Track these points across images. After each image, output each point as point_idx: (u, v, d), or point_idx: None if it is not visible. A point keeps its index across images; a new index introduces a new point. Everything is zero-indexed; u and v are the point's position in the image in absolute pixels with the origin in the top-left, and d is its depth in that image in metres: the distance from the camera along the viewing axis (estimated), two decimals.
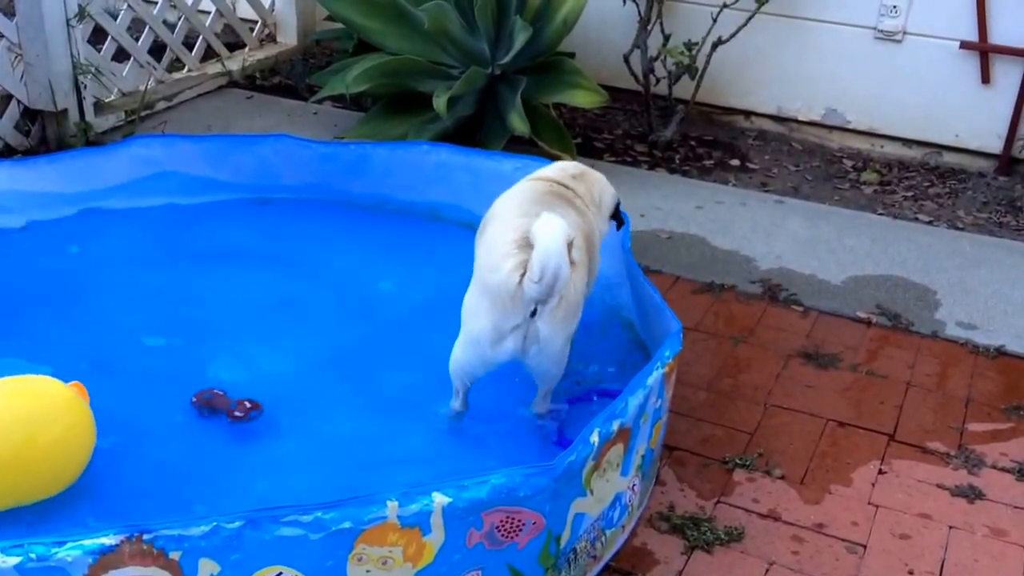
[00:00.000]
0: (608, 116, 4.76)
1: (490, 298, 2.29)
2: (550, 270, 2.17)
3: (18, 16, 3.86)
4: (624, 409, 2.14)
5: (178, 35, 4.67)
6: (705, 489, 2.49)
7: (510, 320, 2.27)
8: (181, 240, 3.31)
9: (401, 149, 3.65)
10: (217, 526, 1.70)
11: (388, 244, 3.39)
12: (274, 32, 5.25)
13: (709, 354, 3.02)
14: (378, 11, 4.17)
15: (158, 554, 1.67)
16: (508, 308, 2.26)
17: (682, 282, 3.40)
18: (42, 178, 3.36)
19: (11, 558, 1.64)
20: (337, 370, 2.72)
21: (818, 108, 4.58)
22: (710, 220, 3.82)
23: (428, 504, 1.83)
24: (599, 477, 2.10)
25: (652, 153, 4.42)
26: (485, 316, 2.29)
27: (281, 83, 4.94)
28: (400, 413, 2.55)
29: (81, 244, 3.24)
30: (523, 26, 3.89)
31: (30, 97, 3.96)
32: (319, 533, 1.75)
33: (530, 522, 1.96)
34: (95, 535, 1.66)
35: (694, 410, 2.77)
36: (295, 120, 4.47)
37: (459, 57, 4.11)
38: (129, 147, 3.54)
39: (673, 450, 2.61)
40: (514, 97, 3.95)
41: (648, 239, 3.61)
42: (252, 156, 3.56)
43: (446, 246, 3.38)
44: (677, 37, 4.29)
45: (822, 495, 2.49)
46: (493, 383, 2.50)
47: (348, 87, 3.96)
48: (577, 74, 4.07)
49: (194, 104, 4.60)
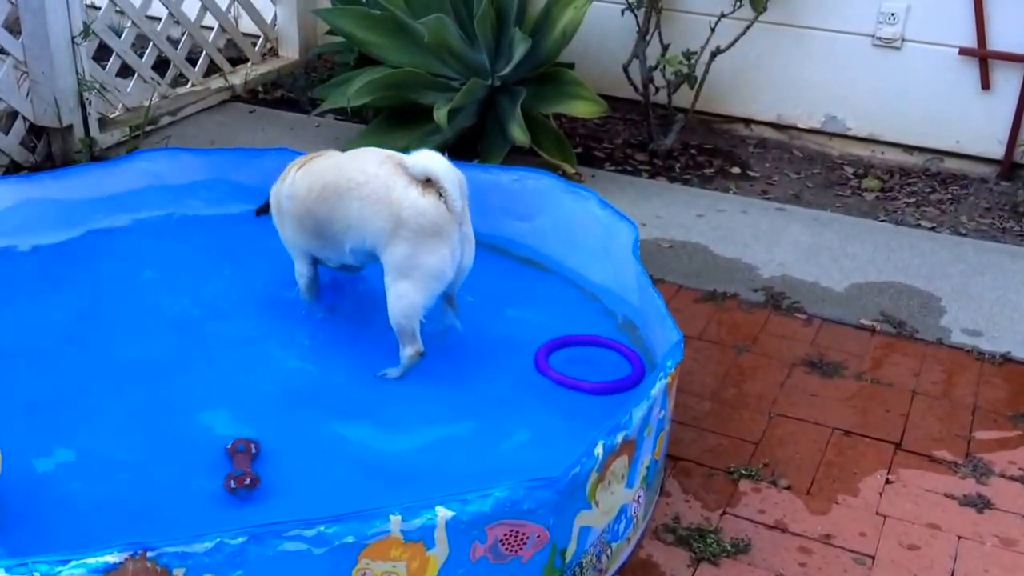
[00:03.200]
0: (608, 126, 4.76)
1: (434, 235, 2.58)
2: (462, 184, 2.61)
3: (24, 34, 3.88)
4: (628, 421, 2.14)
5: (181, 51, 4.69)
6: (711, 500, 2.48)
7: (455, 240, 2.62)
8: (185, 252, 3.32)
9: None
10: (221, 542, 1.70)
11: None
12: (276, 47, 5.28)
13: (712, 363, 3.02)
14: (378, 25, 4.19)
15: (162, 571, 1.67)
16: (452, 232, 2.60)
17: (684, 291, 3.40)
18: (48, 194, 3.37)
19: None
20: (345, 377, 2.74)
21: (818, 115, 4.59)
22: (711, 228, 3.82)
23: (432, 518, 1.83)
24: (604, 490, 2.10)
25: (652, 162, 4.42)
26: (441, 249, 2.60)
27: (283, 97, 4.96)
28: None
29: (87, 260, 3.25)
30: (522, 37, 3.90)
31: (35, 114, 3.98)
32: (322, 548, 1.75)
33: (534, 535, 1.95)
34: (99, 553, 1.65)
35: (698, 420, 2.77)
36: (297, 133, 4.48)
37: (459, 69, 4.13)
38: (134, 162, 3.56)
39: (678, 461, 2.60)
40: (514, 108, 3.96)
41: (650, 248, 3.61)
42: (255, 169, 3.57)
43: None
44: (676, 46, 4.30)
45: (829, 505, 2.48)
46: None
47: (350, 100, 3.98)
48: (577, 84, 4.08)
49: (197, 119, 4.62)
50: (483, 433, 2.55)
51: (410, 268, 2.61)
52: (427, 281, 2.63)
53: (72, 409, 2.55)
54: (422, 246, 2.59)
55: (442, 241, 2.60)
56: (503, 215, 3.45)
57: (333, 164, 2.78)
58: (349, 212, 2.67)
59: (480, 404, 2.66)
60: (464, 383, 2.74)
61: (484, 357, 2.85)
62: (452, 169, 2.60)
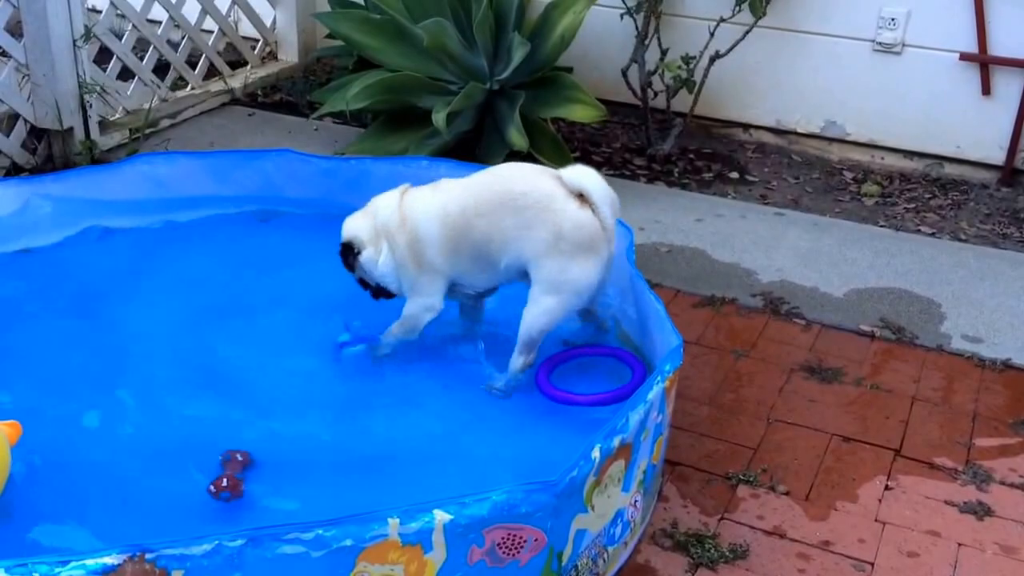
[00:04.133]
0: (606, 130, 4.77)
1: (587, 250, 2.55)
2: (614, 202, 2.60)
3: (26, 37, 3.89)
4: (625, 425, 2.13)
5: (181, 54, 4.70)
6: (709, 505, 2.48)
7: (605, 257, 2.61)
8: (183, 255, 3.32)
9: (401, 164, 3.65)
10: (219, 544, 1.70)
11: None
12: (275, 50, 5.28)
13: (710, 368, 3.02)
14: (378, 29, 4.19)
15: (160, 573, 1.67)
16: (603, 250, 2.59)
17: (682, 296, 3.40)
18: (49, 195, 3.37)
19: None
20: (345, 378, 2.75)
21: (817, 120, 4.59)
22: (710, 233, 3.82)
23: (429, 521, 1.83)
24: (600, 493, 2.09)
25: (651, 166, 4.42)
26: (591, 265, 2.57)
27: (282, 100, 4.96)
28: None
29: (87, 263, 3.25)
30: (521, 42, 3.90)
31: (36, 116, 3.99)
32: (320, 551, 1.75)
33: (532, 539, 1.95)
34: (98, 554, 1.66)
35: (696, 425, 2.76)
36: (296, 136, 4.48)
37: (458, 73, 4.13)
38: (134, 164, 3.56)
39: (676, 466, 2.60)
40: (513, 112, 3.96)
41: (647, 252, 3.61)
42: (255, 171, 3.58)
43: None
44: (675, 51, 4.30)
45: (828, 512, 2.48)
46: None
47: (348, 103, 3.98)
48: (575, 89, 4.09)
49: (197, 122, 4.62)
50: (478, 438, 2.54)
51: (561, 283, 2.58)
52: (572, 296, 2.61)
53: (68, 410, 2.55)
54: (575, 260, 2.56)
55: (595, 257, 2.58)
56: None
57: (487, 179, 2.70)
58: (511, 224, 2.59)
59: (477, 408, 2.66)
60: (459, 387, 2.72)
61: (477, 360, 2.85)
62: (606, 186, 2.59)
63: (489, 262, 2.67)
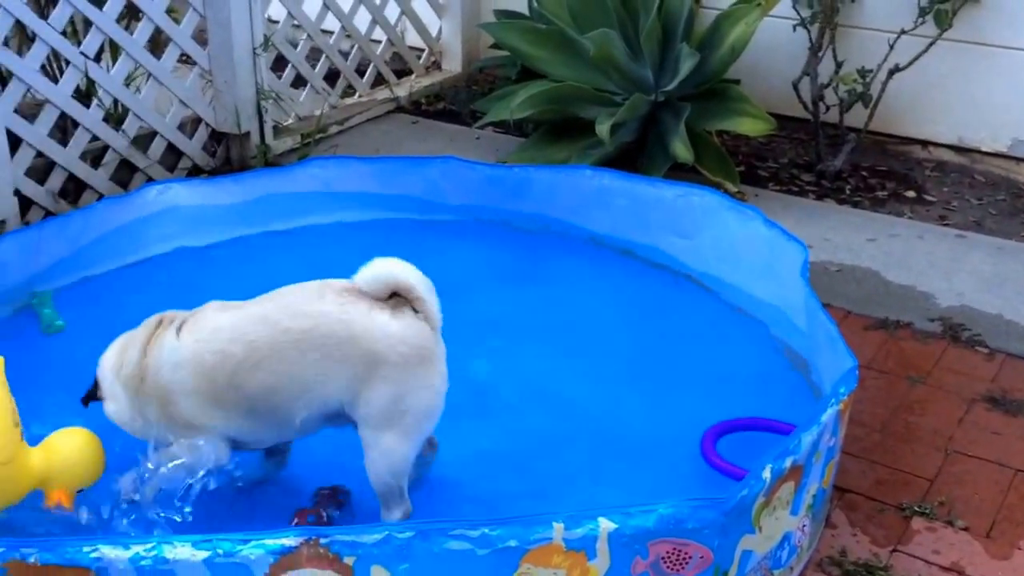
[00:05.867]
0: (773, 144, 4.63)
1: (419, 364, 2.05)
2: (433, 290, 2.09)
3: (210, 45, 4.10)
4: (797, 446, 2.07)
5: (351, 63, 4.85)
6: (879, 536, 2.35)
7: (444, 359, 2.12)
8: (350, 257, 3.41)
9: (564, 173, 3.67)
10: (389, 535, 1.74)
11: (548, 270, 3.41)
12: (439, 60, 5.39)
13: (882, 394, 2.88)
14: (544, 39, 4.22)
15: (333, 558, 1.72)
16: (439, 352, 2.10)
17: (852, 317, 3.25)
18: (228, 196, 3.55)
19: (200, 552, 1.71)
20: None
21: (1004, 139, 4.33)
22: (883, 254, 3.65)
23: (594, 528, 1.81)
24: (769, 514, 2.03)
25: (820, 183, 4.27)
26: (431, 379, 2.08)
27: (445, 109, 5.06)
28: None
29: (260, 261, 3.39)
30: (690, 52, 3.84)
31: (217, 120, 4.19)
32: (485, 549, 1.76)
33: (697, 555, 1.90)
34: (277, 535, 1.72)
35: (867, 452, 2.63)
36: (458, 144, 4.55)
37: (623, 84, 4.10)
38: (307, 168, 3.70)
39: (845, 492, 2.48)
40: (678, 124, 3.91)
41: (816, 271, 3.47)
42: (420, 177, 3.66)
43: (608, 274, 3.37)
44: (850, 64, 4.14)
45: (1011, 551, 2.31)
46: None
47: (513, 113, 4.01)
48: (744, 101, 3.99)
49: (363, 128, 4.76)
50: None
51: (399, 415, 2.06)
52: (419, 424, 2.10)
53: None
54: (409, 383, 2.06)
55: (432, 369, 2.08)
56: (663, 231, 3.42)
57: (254, 316, 2.11)
58: (301, 371, 2.06)
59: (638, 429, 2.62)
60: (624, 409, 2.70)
61: (639, 377, 2.82)
62: (419, 272, 2.09)
63: (274, 420, 2.13)
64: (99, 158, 3.83)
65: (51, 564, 1.74)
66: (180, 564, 1.73)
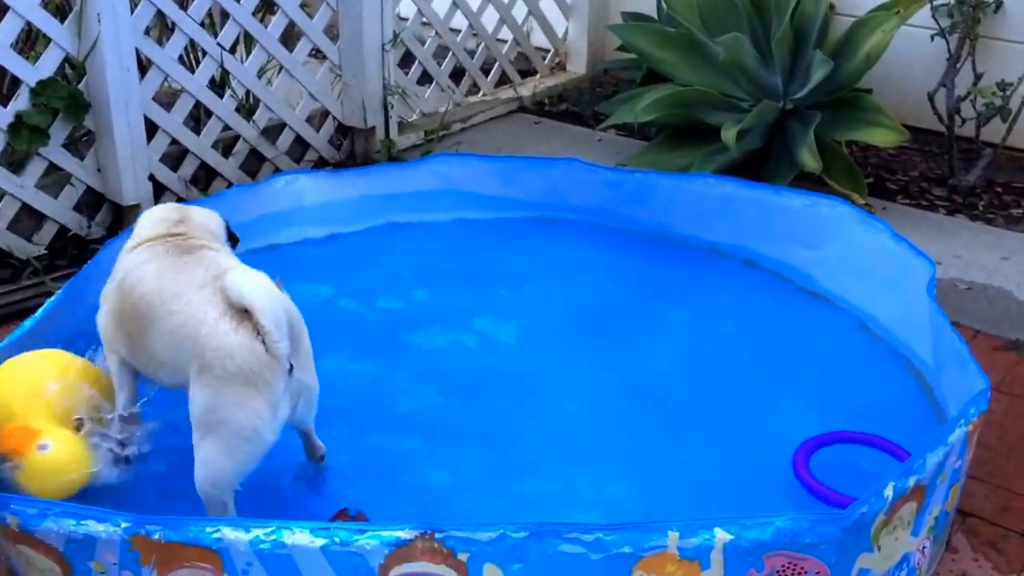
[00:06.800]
0: (903, 157, 4.49)
1: (244, 383, 2.03)
2: (283, 321, 2.03)
3: (340, 40, 4.21)
4: (922, 465, 2.01)
5: (477, 61, 4.91)
6: (1001, 563, 2.28)
7: (278, 391, 2.07)
8: (470, 254, 3.48)
9: (686, 180, 3.64)
10: (504, 534, 1.75)
11: (666, 278, 3.39)
12: (564, 61, 5.40)
13: (1012, 418, 2.76)
14: (672, 42, 4.18)
15: (447, 553, 1.74)
16: (272, 381, 2.05)
17: (982, 337, 3.14)
18: (353, 189, 3.64)
19: (318, 539, 1.77)
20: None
21: None
22: (1017, 273, 3.50)
23: (709, 539, 1.80)
24: (889, 534, 1.98)
25: (952, 198, 4.12)
26: (253, 402, 2.04)
27: (568, 110, 5.07)
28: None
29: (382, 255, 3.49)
30: (823, 60, 3.76)
31: (344, 114, 4.30)
32: (599, 554, 1.77)
33: (813, 571, 1.87)
34: (393, 527, 1.76)
35: (992, 476, 2.54)
36: (579, 146, 4.55)
37: (750, 90, 4.04)
38: (430, 164, 3.76)
39: (967, 516, 2.41)
40: (806, 133, 3.83)
41: (944, 288, 3.35)
42: (542, 177, 3.68)
43: (728, 285, 3.33)
44: (990, 76, 3.98)
45: None
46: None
47: (638, 115, 4.00)
48: (877, 111, 3.88)
49: (486, 127, 4.81)
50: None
51: (213, 424, 2.07)
52: (236, 443, 2.07)
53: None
54: (226, 397, 2.04)
55: (256, 392, 2.04)
56: (789, 241, 3.35)
57: (159, 277, 2.21)
58: (157, 345, 2.18)
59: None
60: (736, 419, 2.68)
61: (756, 392, 2.79)
62: (277, 298, 2.05)
63: (152, 368, 2.25)
64: (230, 147, 3.96)
65: (174, 542, 1.82)
66: (298, 549, 1.78)
